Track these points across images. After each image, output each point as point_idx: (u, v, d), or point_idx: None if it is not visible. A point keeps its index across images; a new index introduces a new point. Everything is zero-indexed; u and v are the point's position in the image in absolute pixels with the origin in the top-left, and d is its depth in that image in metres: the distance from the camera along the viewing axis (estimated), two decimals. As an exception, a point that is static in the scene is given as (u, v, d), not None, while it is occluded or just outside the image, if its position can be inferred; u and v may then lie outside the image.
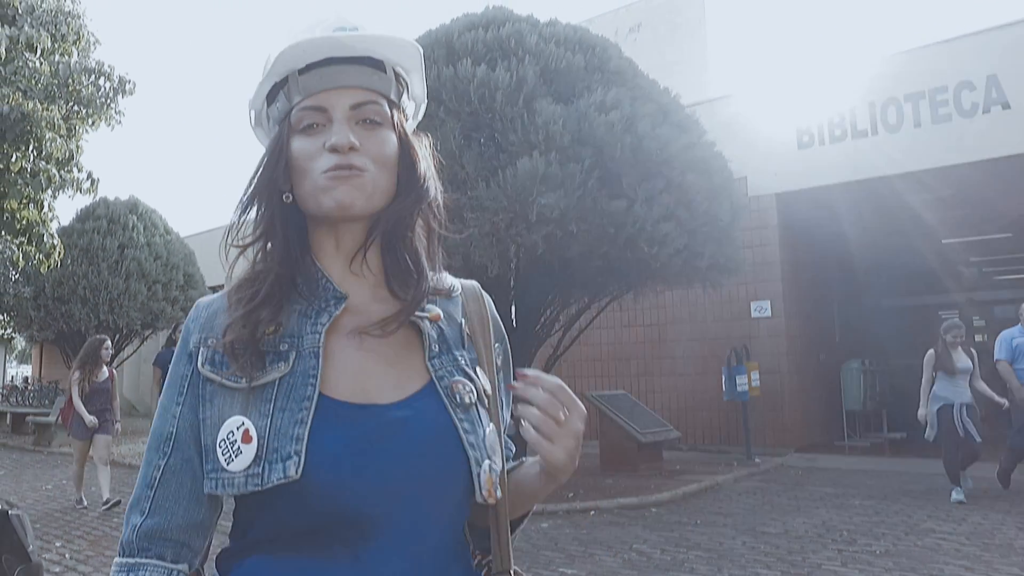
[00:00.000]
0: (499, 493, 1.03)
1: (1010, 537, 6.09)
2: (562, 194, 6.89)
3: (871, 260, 14.06)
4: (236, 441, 0.98)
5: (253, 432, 0.98)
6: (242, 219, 1.11)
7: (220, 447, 0.99)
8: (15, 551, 3.44)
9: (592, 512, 7.49)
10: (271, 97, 1.11)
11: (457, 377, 1.07)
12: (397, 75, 1.13)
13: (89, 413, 8.01)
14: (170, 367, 1.10)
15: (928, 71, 10.55)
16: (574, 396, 1.00)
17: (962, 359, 7.67)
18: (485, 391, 1.09)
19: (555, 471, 1.02)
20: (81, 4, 10.31)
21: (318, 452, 0.96)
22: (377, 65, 1.10)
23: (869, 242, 13.37)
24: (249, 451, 0.97)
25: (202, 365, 1.05)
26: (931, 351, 7.78)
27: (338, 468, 0.96)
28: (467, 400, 1.04)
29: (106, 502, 7.95)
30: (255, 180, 1.09)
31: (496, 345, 1.18)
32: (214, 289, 16.83)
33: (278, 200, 1.08)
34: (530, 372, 1.00)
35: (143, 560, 1.03)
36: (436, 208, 1.14)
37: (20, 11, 9.48)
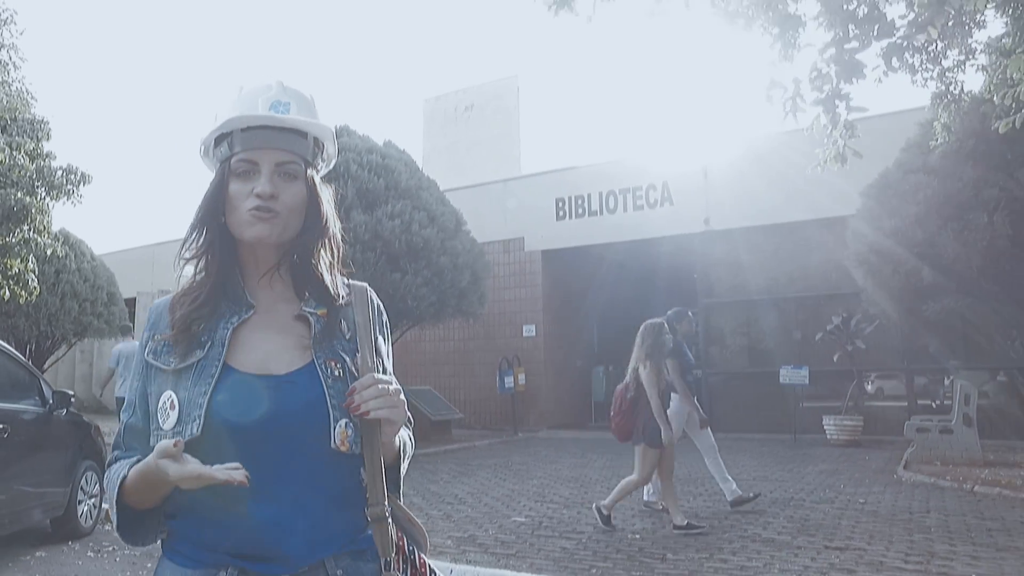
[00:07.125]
0: (355, 445, 1.32)
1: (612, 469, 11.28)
2: (361, 272, 11.79)
3: (627, 293, 19.43)
4: (166, 408, 1.34)
5: (176, 402, 1.33)
6: (193, 236, 1.43)
7: (159, 413, 1.36)
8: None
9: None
10: (217, 140, 1.44)
11: (331, 357, 1.38)
12: (315, 140, 1.47)
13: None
14: (135, 355, 1.48)
15: (633, 174, 15.98)
16: (380, 377, 1.33)
17: None
18: (358, 368, 1.39)
19: (392, 425, 1.34)
20: (41, 110, 14.71)
21: (215, 410, 1.30)
22: (300, 134, 1.43)
23: (624, 280, 18.71)
24: (174, 416, 1.33)
25: (147, 354, 1.43)
26: None
27: (227, 419, 1.29)
28: (337, 373, 1.36)
29: (685, 526, 6.60)
30: (201, 207, 1.42)
31: (380, 337, 1.49)
32: (127, 301, 21.09)
33: (217, 224, 1.41)
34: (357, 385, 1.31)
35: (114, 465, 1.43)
36: (333, 240, 1.48)
37: (8, 121, 13.92)
